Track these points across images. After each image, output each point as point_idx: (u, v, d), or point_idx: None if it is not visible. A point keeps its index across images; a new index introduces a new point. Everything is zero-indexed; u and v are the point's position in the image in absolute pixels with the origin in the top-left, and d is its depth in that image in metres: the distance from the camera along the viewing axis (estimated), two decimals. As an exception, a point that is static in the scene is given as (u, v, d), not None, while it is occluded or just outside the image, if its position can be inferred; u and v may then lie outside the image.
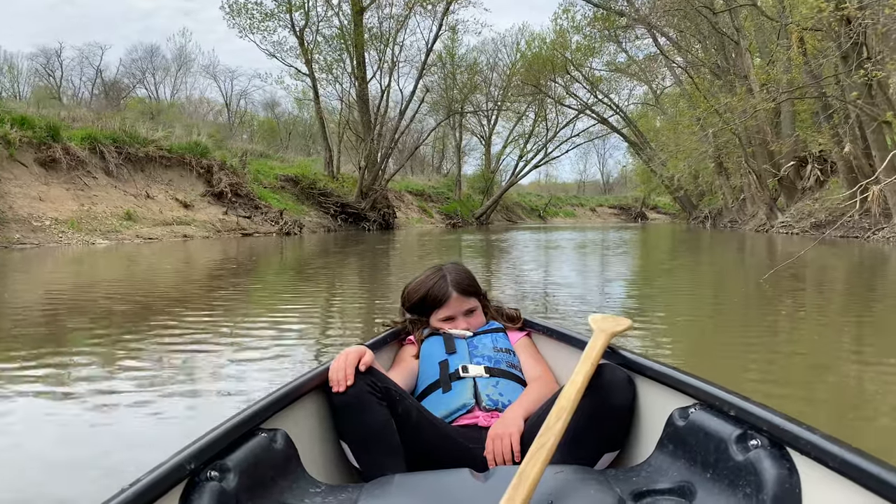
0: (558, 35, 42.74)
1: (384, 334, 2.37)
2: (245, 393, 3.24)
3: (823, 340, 4.72)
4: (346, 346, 1.95)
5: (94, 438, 2.72)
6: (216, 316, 5.76)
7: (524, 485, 1.33)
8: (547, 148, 48.63)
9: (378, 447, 1.71)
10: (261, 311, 6.21)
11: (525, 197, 65.06)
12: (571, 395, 1.59)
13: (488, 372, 2.09)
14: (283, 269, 11.70)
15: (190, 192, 22.99)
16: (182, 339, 4.65)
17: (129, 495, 1.16)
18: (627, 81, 47.38)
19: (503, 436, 1.78)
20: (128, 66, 59.29)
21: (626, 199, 75.14)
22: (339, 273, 10.50)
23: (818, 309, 6.33)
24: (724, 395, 1.54)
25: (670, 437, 1.65)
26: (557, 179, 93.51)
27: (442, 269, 2.38)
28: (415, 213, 40.39)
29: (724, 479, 1.44)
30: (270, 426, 1.60)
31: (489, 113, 52.54)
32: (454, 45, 43.83)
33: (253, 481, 1.44)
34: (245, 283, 8.96)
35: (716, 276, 10.09)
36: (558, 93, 45.23)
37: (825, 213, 20.81)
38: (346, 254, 15.39)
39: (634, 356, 1.87)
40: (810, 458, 1.29)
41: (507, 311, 2.47)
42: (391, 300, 6.33)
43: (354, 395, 1.70)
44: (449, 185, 48.86)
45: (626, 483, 1.54)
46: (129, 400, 3.16)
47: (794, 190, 24.35)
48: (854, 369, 3.82)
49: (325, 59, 31.26)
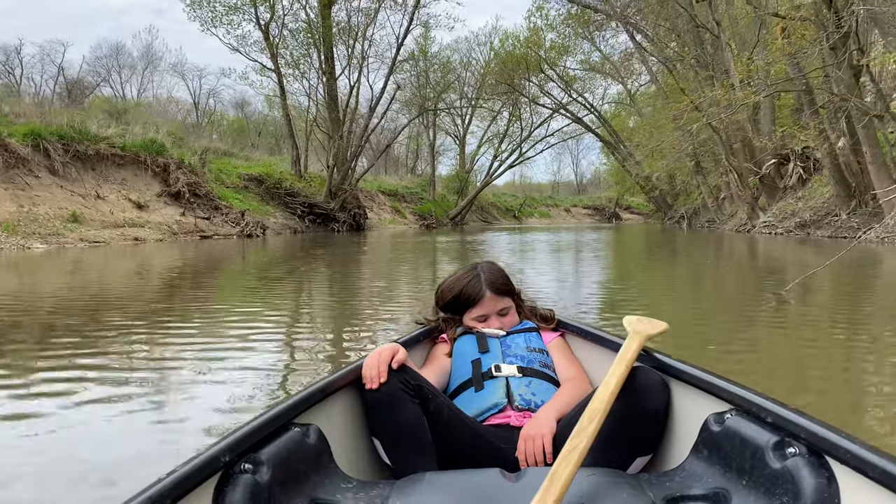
0: (532, 33, 41.77)
1: (417, 332, 2.32)
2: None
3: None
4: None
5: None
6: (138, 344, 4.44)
7: (555, 486, 1.31)
8: (521, 148, 47.54)
9: (410, 444, 1.69)
10: (210, 331, 4.91)
11: (500, 197, 63.94)
12: (605, 398, 1.55)
13: (521, 371, 2.06)
14: (239, 278, 10.34)
15: (145, 192, 21.46)
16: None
17: (164, 485, 1.14)
18: (602, 80, 46.59)
19: (535, 436, 1.74)
20: (92, 63, 57.03)
21: (600, 200, 74.40)
22: (303, 283, 9.17)
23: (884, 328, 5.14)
24: (761, 401, 1.48)
25: (705, 443, 1.60)
26: (532, 180, 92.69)
27: (476, 268, 2.32)
28: (387, 214, 39.03)
29: (761, 486, 1.39)
30: (303, 421, 1.58)
31: (463, 112, 51.44)
32: (427, 42, 42.68)
33: (285, 475, 1.42)
34: (190, 297, 7.61)
35: (723, 286, 8.90)
36: (533, 92, 44.23)
37: (810, 212, 19.85)
38: (312, 258, 14.05)
39: (670, 359, 1.81)
40: (850, 468, 1.23)
41: (541, 311, 2.41)
42: (362, 319, 5.33)
43: (387, 392, 1.69)
44: (423, 186, 47.49)
45: (659, 488, 1.49)
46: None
47: (775, 189, 23.42)
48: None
49: (291, 54, 29.80)
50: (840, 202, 17.99)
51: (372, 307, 6.27)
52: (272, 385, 3.40)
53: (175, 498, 1.17)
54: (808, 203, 20.64)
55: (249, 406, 2.98)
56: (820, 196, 20.20)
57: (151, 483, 1.16)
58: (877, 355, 4.06)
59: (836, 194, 18.08)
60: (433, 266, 12.20)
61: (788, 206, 21.40)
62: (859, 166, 16.92)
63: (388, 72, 29.61)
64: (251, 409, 2.89)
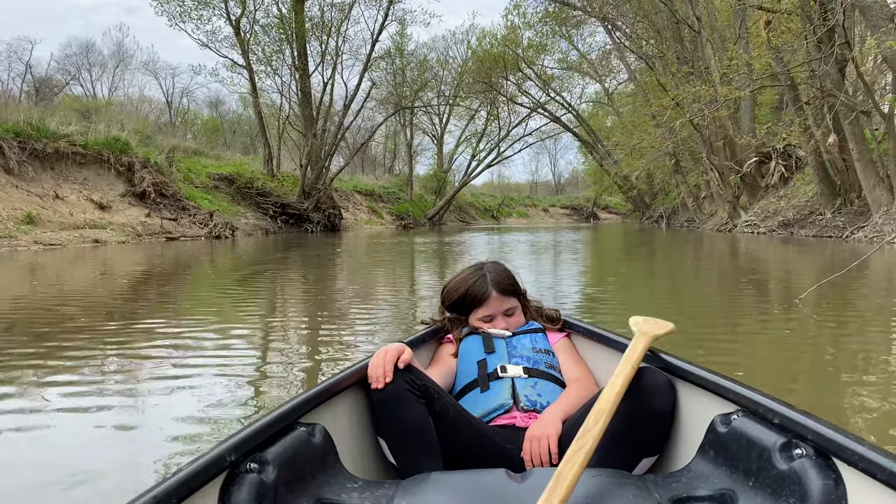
0: (510, 31, 41.17)
1: (423, 332, 2.29)
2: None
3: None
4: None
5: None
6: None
7: (561, 487, 1.30)
8: (500, 147, 46.88)
9: (415, 444, 1.67)
10: (165, 344, 4.13)
11: (478, 197, 63.28)
12: (611, 398, 1.54)
13: (527, 372, 2.02)
14: (201, 282, 9.49)
15: (108, 192, 20.44)
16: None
17: (171, 484, 1.14)
18: (580, 79, 46.12)
19: (541, 437, 1.73)
20: (62, 61, 55.39)
21: (578, 200, 74.04)
22: (269, 289, 8.36)
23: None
24: (768, 402, 1.46)
25: (712, 444, 1.57)
26: (510, 180, 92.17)
27: (483, 268, 2.29)
28: (364, 214, 38.15)
29: (767, 487, 1.37)
30: (309, 420, 1.57)
31: (441, 111, 50.69)
32: (403, 40, 41.88)
33: (291, 474, 1.41)
34: (140, 306, 6.75)
35: (720, 291, 8.22)
36: (510, 91, 43.64)
37: (793, 210, 19.37)
38: (280, 262, 13.21)
39: (676, 360, 1.78)
40: (857, 470, 1.22)
41: (547, 312, 2.36)
42: (332, 338, 4.62)
43: (393, 392, 1.67)
44: (400, 185, 46.64)
45: (665, 489, 1.48)
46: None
47: (756, 187, 22.95)
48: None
49: (263, 50, 28.84)
50: (824, 201, 17.51)
51: (345, 322, 5.48)
52: (225, 398, 3.07)
53: (181, 497, 1.14)
54: (790, 202, 20.17)
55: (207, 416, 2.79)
56: (803, 194, 19.74)
57: (157, 482, 1.14)
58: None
59: (821, 193, 17.60)
60: (410, 272, 11.44)
61: (770, 205, 20.93)
62: (844, 164, 16.44)
63: (362, 68, 28.71)
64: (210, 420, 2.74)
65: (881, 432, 2.54)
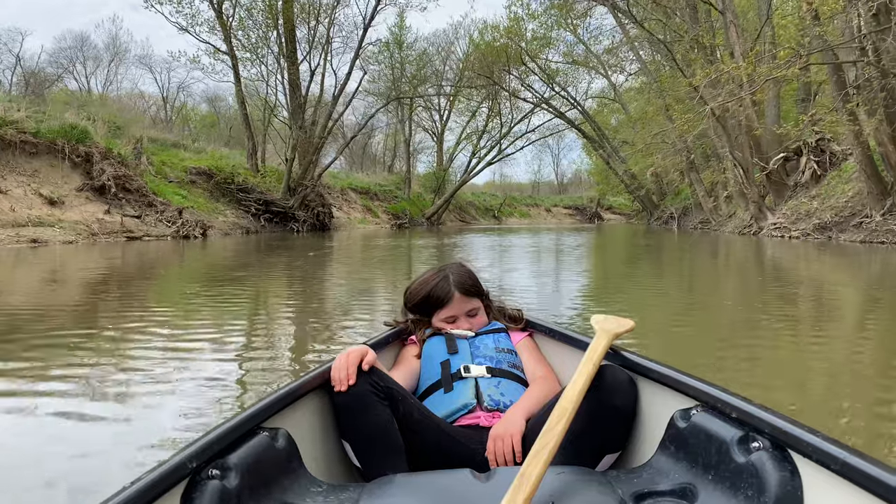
0: (513, 22, 38.61)
1: (386, 334, 2.24)
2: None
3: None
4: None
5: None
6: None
7: (525, 485, 1.28)
8: (501, 144, 44.21)
9: (380, 447, 1.64)
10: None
11: (479, 196, 60.59)
12: (573, 396, 1.53)
13: (490, 372, 1.99)
14: (128, 302, 6.93)
15: (61, 185, 17.92)
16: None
17: (130, 494, 1.10)
18: (585, 74, 43.43)
19: (504, 436, 1.70)
20: (55, 54, 52.81)
21: (581, 200, 71.18)
22: (204, 324, 5.81)
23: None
24: (726, 396, 1.47)
25: (672, 439, 1.57)
26: (512, 179, 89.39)
27: (445, 269, 2.25)
28: (358, 213, 35.56)
29: (726, 480, 1.38)
30: (272, 425, 1.53)
31: (441, 108, 48.13)
32: (402, 32, 39.33)
33: (254, 480, 1.37)
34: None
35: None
36: (513, 86, 41.03)
37: (830, 212, 16.71)
38: (239, 269, 10.68)
39: (636, 357, 1.77)
40: (812, 461, 1.24)
41: (510, 312, 2.32)
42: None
43: (356, 395, 1.63)
44: (398, 183, 44.01)
45: (627, 484, 1.48)
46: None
47: (783, 186, 20.31)
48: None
49: (247, 36, 26.27)
50: (872, 200, 14.87)
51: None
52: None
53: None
54: (826, 202, 17.53)
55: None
56: (841, 194, 17.10)
57: (117, 491, 1.11)
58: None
59: (868, 191, 14.94)
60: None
61: (802, 206, 18.28)
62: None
63: (353, 55, 26.09)
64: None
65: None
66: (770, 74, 12.11)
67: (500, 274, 9.42)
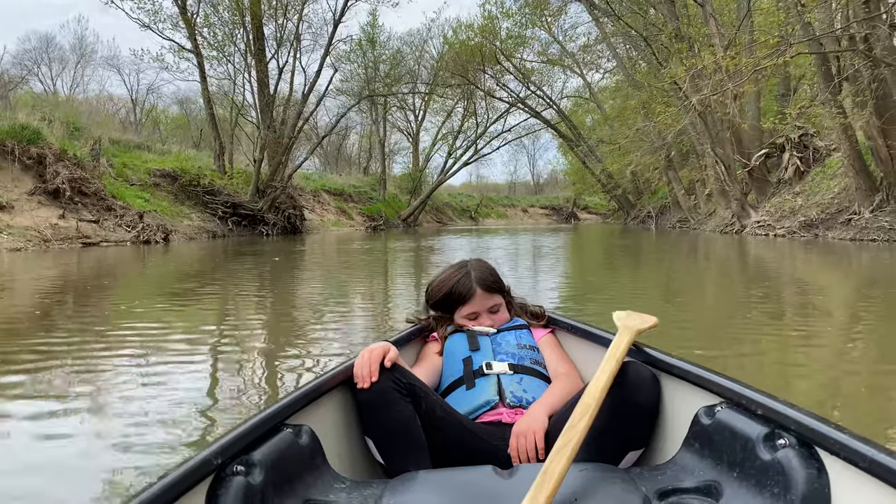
0: (487, 21, 37.86)
1: (408, 331, 2.21)
2: None
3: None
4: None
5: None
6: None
7: (548, 482, 1.26)
8: (477, 144, 43.38)
9: (402, 443, 1.63)
10: None
11: (456, 197, 59.72)
12: (596, 393, 1.51)
13: (512, 369, 1.96)
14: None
15: (11, 189, 16.73)
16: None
17: (157, 489, 1.10)
18: (560, 73, 42.82)
19: (527, 433, 1.68)
20: (18, 56, 50.92)
21: (558, 200, 70.62)
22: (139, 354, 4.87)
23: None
24: (750, 393, 1.43)
25: (696, 436, 1.54)
26: (489, 180, 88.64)
27: (466, 266, 2.21)
28: (332, 215, 34.49)
29: (752, 478, 1.34)
30: (296, 422, 1.52)
31: (416, 108, 47.17)
32: (375, 30, 38.35)
33: (278, 476, 1.37)
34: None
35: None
36: (488, 85, 40.27)
37: (816, 209, 16.12)
38: (194, 278, 9.70)
39: (660, 354, 1.73)
40: (840, 458, 1.20)
41: (532, 308, 2.30)
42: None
43: (379, 392, 1.62)
44: (373, 185, 42.97)
45: (651, 481, 1.45)
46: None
47: (765, 183, 19.72)
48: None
49: (213, 33, 25.17)
50: (860, 197, 14.26)
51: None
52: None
53: (168, 501, 1.11)
54: (810, 199, 16.94)
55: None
56: (827, 190, 16.51)
57: (143, 487, 1.11)
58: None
59: (856, 187, 14.34)
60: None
61: (786, 203, 17.69)
62: (889, 151, 13.20)
63: (323, 52, 25.09)
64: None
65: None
66: (758, 65, 11.40)
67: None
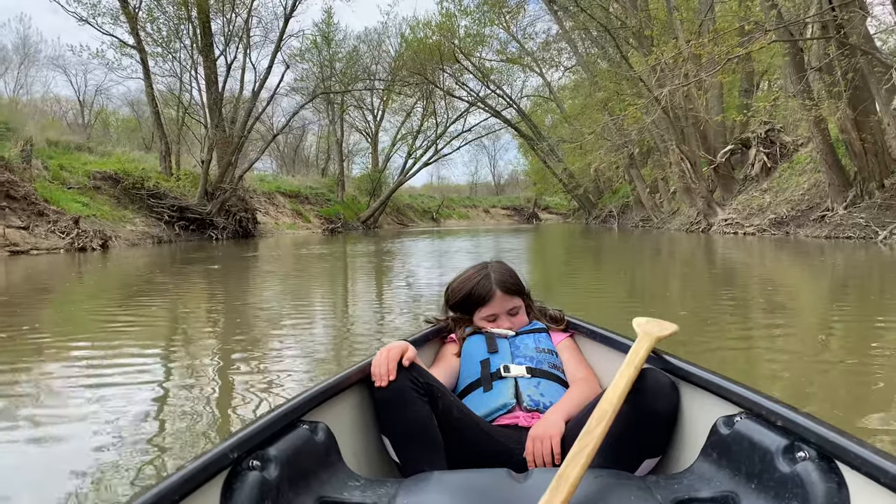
0: (445, 18, 36.95)
1: (427, 331, 2.18)
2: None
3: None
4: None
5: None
6: None
7: (563, 487, 1.26)
8: (437, 144, 42.39)
9: (418, 443, 1.61)
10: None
11: (417, 198, 58.69)
12: (614, 399, 1.48)
13: (530, 372, 1.94)
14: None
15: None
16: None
17: (173, 481, 1.10)
18: (520, 72, 42.16)
19: (543, 437, 1.65)
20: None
21: (519, 200, 70.22)
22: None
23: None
24: (771, 404, 1.38)
25: (714, 446, 1.50)
26: (450, 181, 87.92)
27: (487, 267, 2.17)
28: (287, 218, 33.13)
29: (770, 490, 1.31)
30: (312, 418, 1.52)
31: (374, 109, 45.99)
32: (330, 29, 37.08)
33: (294, 472, 1.36)
34: None
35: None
36: (448, 84, 39.36)
37: (787, 206, 15.54)
38: (111, 294, 8.49)
39: (680, 362, 1.68)
40: (861, 473, 1.16)
41: (551, 312, 2.26)
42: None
43: (396, 390, 1.61)
44: (330, 186, 41.64)
45: (667, 490, 1.42)
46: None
47: (731, 180, 19.16)
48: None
49: (158, 28, 23.70)
50: (833, 193, 13.68)
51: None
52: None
53: (184, 494, 1.11)
54: (779, 196, 16.38)
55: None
56: (796, 186, 15.96)
57: (160, 479, 1.10)
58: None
59: (829, 183, 13.75)
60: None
61: (754, 200, 17.12)
62: (863, 145, 12.62)
63: (274, 47, 23.82)
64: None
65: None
66: (731, 53, 10.64)
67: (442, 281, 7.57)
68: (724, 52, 10.73)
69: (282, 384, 3.27)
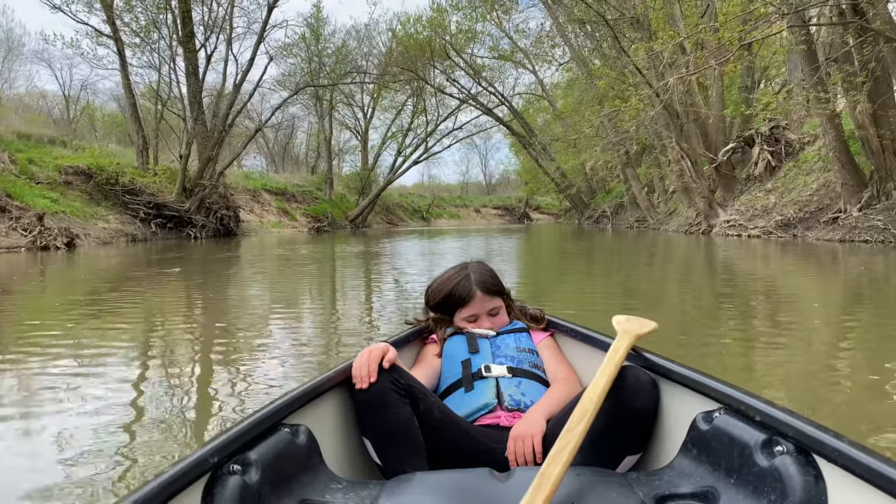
0: (436, 13, 35.94)
1: (407, 332, 2.15)
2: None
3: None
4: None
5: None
6: None
7: (545, 486, 1.24)
8: (427, 142, 41.28)
9: (400, 444, 1.59)
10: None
11: (407, 197, 57.53)
12: (594, 397, 1.47)
13: (511, 372, 1.90)
14: None
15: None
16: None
17: (153, 488, 1.08)
18: (512, 70, 41.13)
19: (525, 436, 1.63)
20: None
21: (510, 200, 69.15)
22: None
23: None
24: (749, 399, 1.38)
25: (694, 442, 1.50)
26: (441, 180, 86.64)
27: (466, 268, 2.14)
28: (273, 216, 31.98)
29: (749, 484, 1.30)
30: (293, 421, 1.49)
31: (364, 106, 44.87)
32: (319, 23, 35.95)
33: (275, 476, 1.34)
34: None
35: None
36: (438, 81, 38.32)
37: (794, 207, 14.56)
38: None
39: (659, 358, 1.67)
40: (837, 466, 1.16)
41: (531, 312, 2.23)
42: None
43: (377, 392, 1.58)
44: (318, 184, 40.49)
45: (647, 486, 1.41)
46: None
47: (733, 180, 18.19)
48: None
49: (135, 17, 22.52)
50: (847, 193, 12.70)
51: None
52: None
53: (164, 499, 1.09)
54: (785, 196, 15.41)
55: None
56: (803, 186, 14.99)
57: (140, 485, 1.08)
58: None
59: (842, 183, 12.77)
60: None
61: (758, 201, 16.14)
62: (880, 142, 11.64)
63: (257, 39, 22.66)
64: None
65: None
66: (745, 39, 9.64)
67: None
68: (736, 37, 9.73)
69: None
